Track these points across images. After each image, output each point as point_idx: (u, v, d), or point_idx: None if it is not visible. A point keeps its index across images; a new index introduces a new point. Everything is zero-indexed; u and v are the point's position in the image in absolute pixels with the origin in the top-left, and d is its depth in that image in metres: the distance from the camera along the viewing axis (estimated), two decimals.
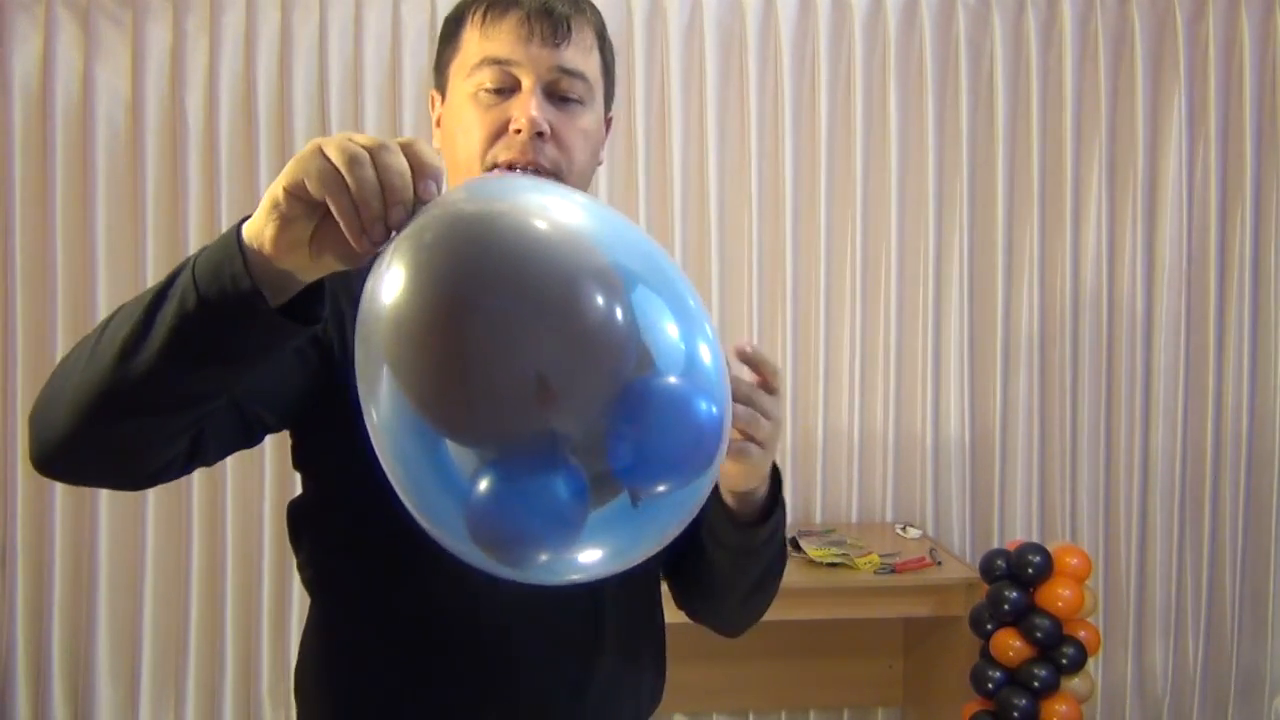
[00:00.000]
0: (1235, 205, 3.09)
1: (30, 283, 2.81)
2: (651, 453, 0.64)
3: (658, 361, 0.64)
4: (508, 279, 0.61)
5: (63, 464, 0.82)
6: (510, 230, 0.62)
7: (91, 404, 0.76)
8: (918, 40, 3.00)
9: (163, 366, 0.74)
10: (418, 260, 0.62)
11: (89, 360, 0.76)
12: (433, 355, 0.62)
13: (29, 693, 2.87)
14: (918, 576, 2.59)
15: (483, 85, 1.00)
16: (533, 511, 0.63)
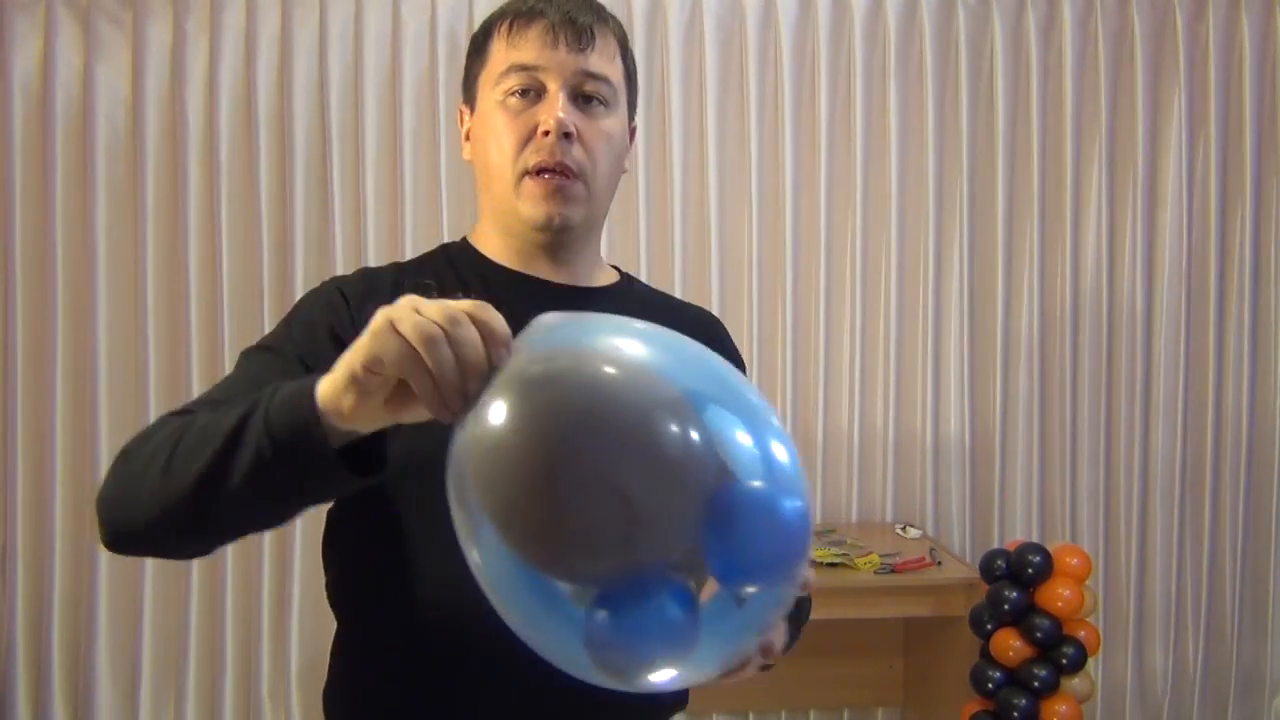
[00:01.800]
0: (1235, 205, 3.09)
1: (30, 283, 2.81)
2: (746, 557, 0.68)
3: (737, 470, 0.68)
4: (587, 427, 0.65)
5: (138, 550, 0.91)
6: (582, 382, 0.67)
7: (168, 517, 0.83)
8: (918, 40, 3.00)
9: (238, 502, 0.80)
10: (501, 424, 0.66)
11: (164, 478, 0.83)
12: (527, 507, 0.66)
13: (29, 693, 2.87)
14: (918, 576, 2.59)
15: (510, 90, 1.05)
16: (649, 635, 0.67)
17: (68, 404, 2.82)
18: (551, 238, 1.07)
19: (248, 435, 0.78)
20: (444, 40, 2.86)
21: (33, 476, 2.83)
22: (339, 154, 2.85)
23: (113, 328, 2.83)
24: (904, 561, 2.61)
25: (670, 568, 0.68)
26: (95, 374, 2.81)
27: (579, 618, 0.68)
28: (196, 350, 2.83)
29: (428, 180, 2.88)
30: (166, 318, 2.85)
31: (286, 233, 2.85)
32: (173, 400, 2.84)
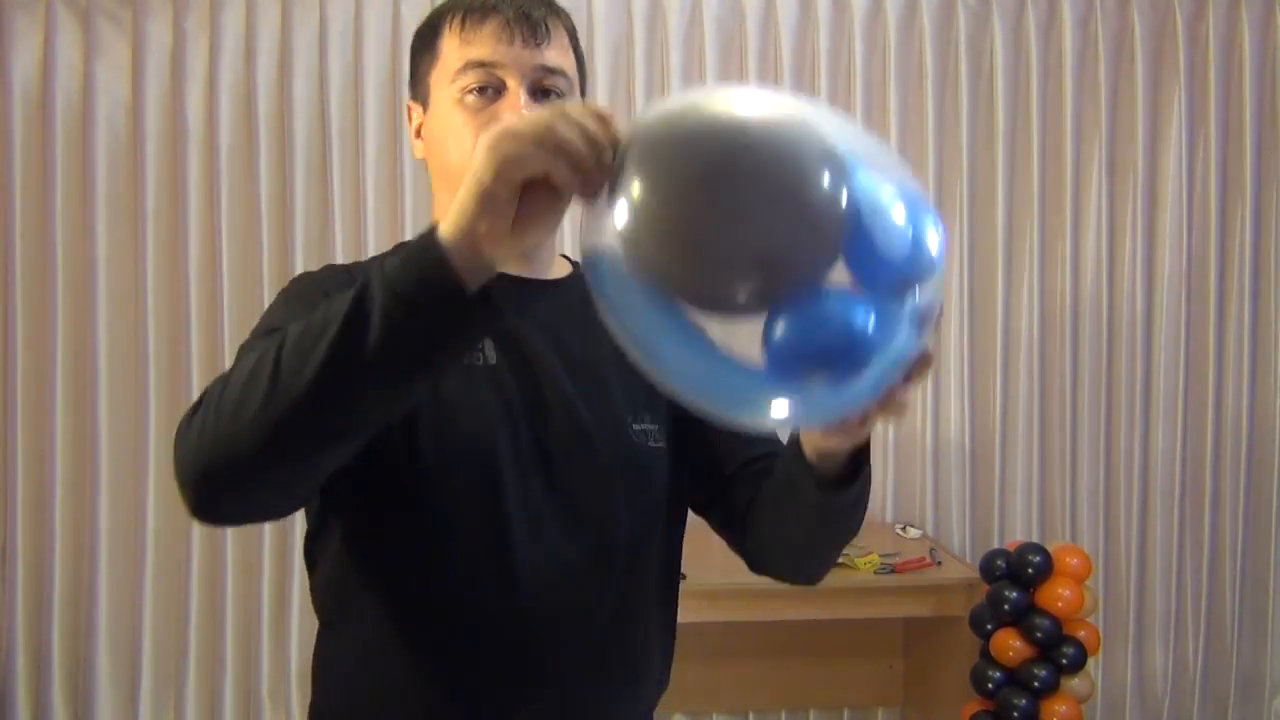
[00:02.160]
0: (1235, 205, 3.09)
1: (30, 283, 2.81)
2: (885, 256, 0.74)
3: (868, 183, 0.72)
4: (727, 157, 0.69)
5: (235, 501, 0.84)
6: (709, 123, 0.71)
7: (283, 434, 0.78)
8: (918, 40, 3.00)
9: (366, 387, 0.77)
10: (653, 176, 0.70)
11: (272, 390, 0.77)
12: (697, 244, 0.70)
13: (29, 693, 2.87)
14: (918, 576, 2.59)
15: (467, 88, 1.03)
16: (831, 332, 0.71)
17: (68, 404, 2.82)
18: None
19: (368, 307, 0.75)
20: None
21: (33, 476, 2.83)
22: (339, 154, 2.85)
23: (113, 328, 2.83)
24: (904, 561, 2.60)
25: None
26: (95, 374, 2.81)
27: (747, 369, 0.72)
28: (196, 350, 2.83)
29: (427, 179, 2.87)
30: (166, 318, 2.84)
31: (286, 233, 2.85)
32: (173, 400, 2.84)
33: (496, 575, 1.02)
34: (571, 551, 1.05)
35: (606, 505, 1.07)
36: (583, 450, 1.06)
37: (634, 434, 1.09)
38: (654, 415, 1.11)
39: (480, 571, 1.02)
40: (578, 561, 1.05)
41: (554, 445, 1.05)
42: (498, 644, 1.02)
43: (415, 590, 1.03)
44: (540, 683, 1.04)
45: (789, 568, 1.16)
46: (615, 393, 1.09)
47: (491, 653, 1.02)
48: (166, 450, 2.84)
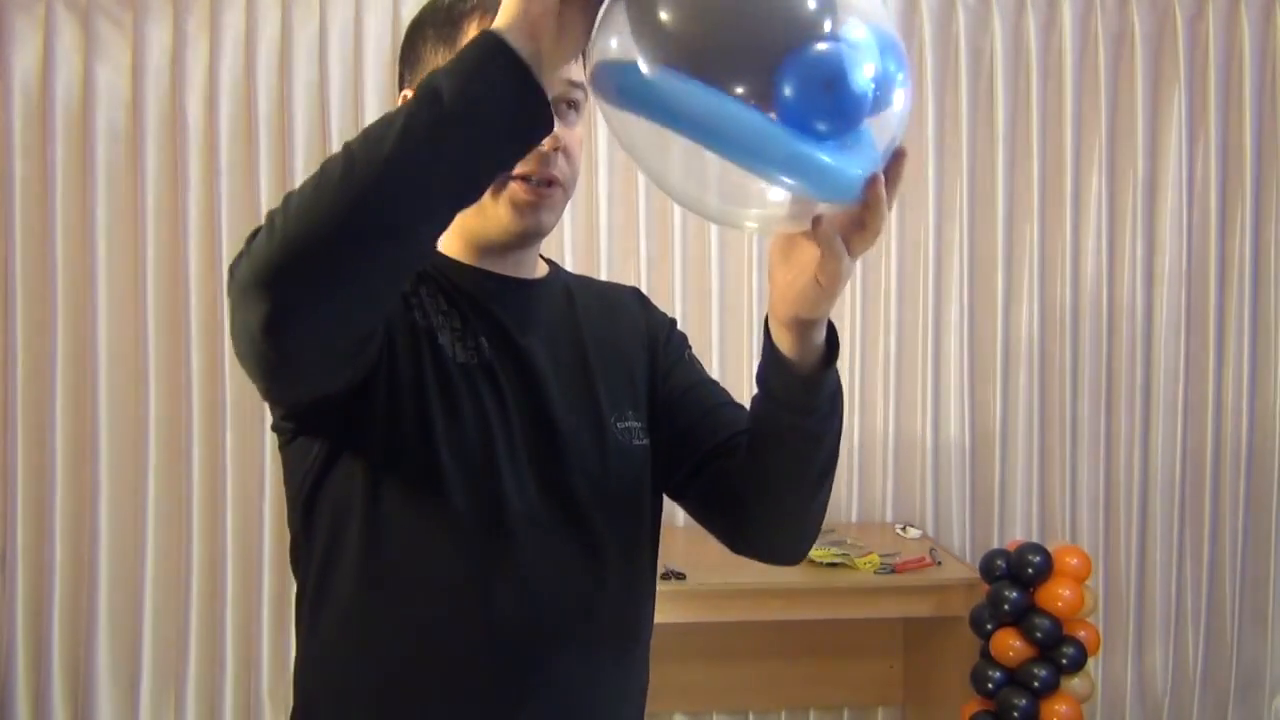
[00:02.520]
0: (1235, 205, 3.09)
1: (30, 283, 2.81)
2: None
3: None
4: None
5: (308, 304, 0.81)
6: None
7: (356, 218, 0.79)
8: (917, 40, 3.00)
9: (447, 143, 0.79)
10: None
11: (345, 179, 0.80)
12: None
13: (29, 693, 2.87)
14: (918, 576, 2.59)
15: None
16: (842, 58, 0.78)
17: (68, 404, 2.82)
18: (520, 244, 1.08)
19: (437, 85, 0.79)
20: None
21: (33, 476, 2.83)
22: None
23: (113, 328, 2.83)
24: (904, 561, 2.61)
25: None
26: (95, 374, 2.81)
27: (759, 116, 0.79)
28: (196, 350, 2.83)
29: None
30: (166, 318, 2.84)
31: None
32: (173, 400, 2.85)
33: (497, 574, 1.02)
34: (566, 551, 1.05)
35: (597, 503, 1.07)
36: (573, 449, 1.06)
37: (619, 432, 1.10)
38: (636, 412, 1.12)
39: (481, 571, 1.02)
40: (573, 560, 1.06)
41: (546, 444, 1.05)
42: (497, 645, 1.02)
43: (413, 591, 1.03)
44: (539, 682, 1.03)
45: (772, 537, 1.14)
46: (599, 391, 1.10)
47: (490, 653, 1.02)
48: (167, 452, 2.86)
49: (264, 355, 0.84)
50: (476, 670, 1.02)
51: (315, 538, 1.05)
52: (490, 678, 1.02)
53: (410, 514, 1.02)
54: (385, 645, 1.03)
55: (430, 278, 1.07)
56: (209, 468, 2.86)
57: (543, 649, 1.03)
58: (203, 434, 2.85)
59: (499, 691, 1.03)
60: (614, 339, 1.15)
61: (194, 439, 2.84)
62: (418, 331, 1.03)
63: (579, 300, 1.17)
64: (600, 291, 1.22)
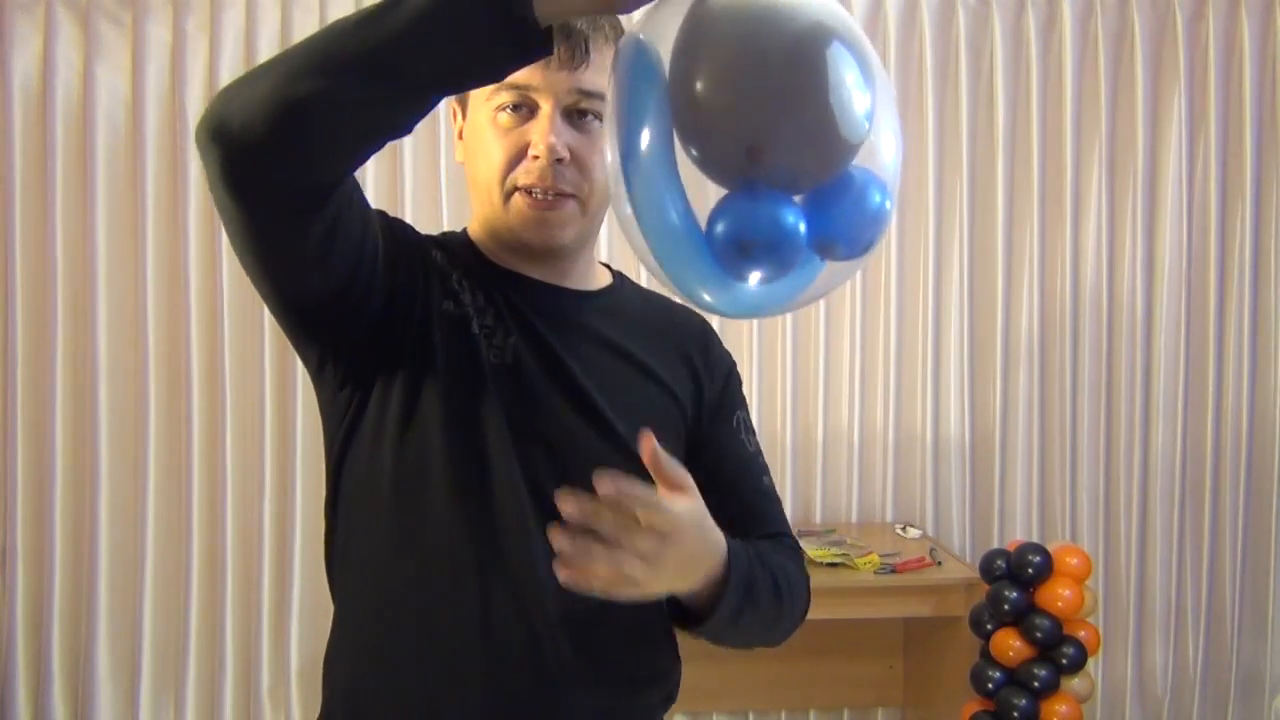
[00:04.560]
0: (1235, 205, 3.09)
1: (30, 283, 2.81)
2: (836, 224, 0.79)
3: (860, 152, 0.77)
4: (793, 51, 0.75)
5: (245, 130, 0.80)
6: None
7: (314, 63, 0.79)
8: (917, 40, 3.00)
9: (404, 34, 0.77)
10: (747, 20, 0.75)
11: (313, 40, 0.80)
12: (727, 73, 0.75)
13: (29, 693, 2.87)
14: (918, 576, 2.59)
15: (501, 106, 1.03)
16: (765, 228, 0.76)
17: (68, 404, 2.82)
18: (544, 254, 1.08)
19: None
20: None
21: (33, 476, 2.83)
22: None
23: (113, 328, 2.83)
24: (904, 561, 2.61)
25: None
26: (95, 374, 2.81)
27: (698, 229, 0.78)
28: (196, 350, 2.83)
29: (428, 180, 2.88)
30: (166, 317, 2.84)
31: None
32: (173, 400, 2.85)
33: (509, 584, 1.02)
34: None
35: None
36: (587, 458, 1.04)
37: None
38: (662, 439, 1.11)
39: (492, 581, 1.02)
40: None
41: (557, 449, 1.05)
42: (502, 656, 1.02)
43: (424, 594, 1.03)
44: (546, 690, 1.03)
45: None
46: (623, 412, 1.08)
47: (493, 666, 1.02)
48: (167, 452, 2.86)
49: (228, 207, 0.86)
50: (485, 673, 1.02)
51: (341, 498, 1.08)
52: (496, 682, 1.02)
53: (418, 499, 1.03)
54: (390, 619, 1.04)
55: (471, 273, 1.08)
56: (209, 468, 2.86)
57: (552, 652, 1.03)
58: (203, 434, 2.85)
59: (504, 698, 1.03)
60: (658, 365, 1.13)
61: (194, 439, 2.84)
62: (451, 315, 1.04)
63: (631, 320, 1.15)
64: (667, 309, 1.20)
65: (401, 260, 1.03)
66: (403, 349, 1.02)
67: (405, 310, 1.02)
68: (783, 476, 3.02)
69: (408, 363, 1.02)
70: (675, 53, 0.77)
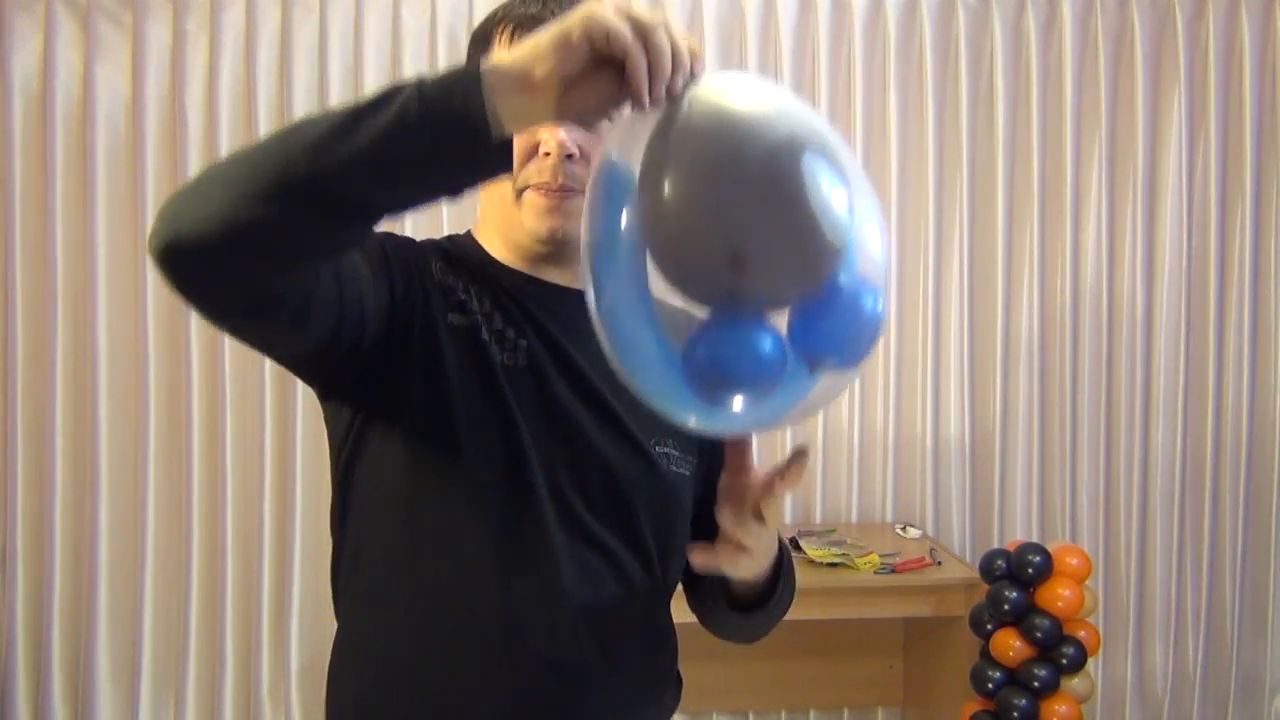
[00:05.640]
0: (1235, 205, 3.09)
1: (30, 283, 2.81)
2: (829, 338, 0.78)
3: (846, 260, 0.76)
4: (771, 173, 0.73)
5: (195, 251, 0.79)
6: (781, 129, 0.74)
7: (264, 187, 0.77)
8: (917, 40, 3.00)
9: (357, 164, 0.76)
10: (703, 127, 0.74)
11: (265, 155, 0.78)
12: (703, 220, 0.73)
13: (29, 693, 2.87)
14: (918, 576, 2.59)
15: None
16: (743, 358, 0.75)
17: (68, 404, 2.82)
18: (554, 248, 1.07)
19: (395, 98, 0.76)
20: (444, 40, 2.86)
21: (33, 476, 2.83)
22: None
23: (113, 327, 2.83)
24: (904, 561, 2.61)
25: (766, 318, 0.76)
26: (95, 374, 2.81)
27: (676, 356, 0.77)
28: (196, 349, 2.84)
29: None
30: (166, 317, 2.84)
31: None
32: (173, 400, 2.84)
33: (532, 587, 1.02)
34: (603, 565, 1.06)
35: (630, 517, 1.07)
36: (607, 463, 1.06)
37: (657, 455, 1.10)
38: (675, 440, 1.12)
39: (514, 583, 1.02)
40: (609, 574, 1.06)
41: (579, 451, 1.05)
42: (525, 658, 1.02)
43: (446, 600, 1.03)
44: (565, 699, 1.03)
45: (718, 634, 1.24)
46: (637, 412, 1.08)
47: (517, 669, 1.02)
48: (167, 452, 2.86)
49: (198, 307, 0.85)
50: (502, 682, 1.02)
51: (350, 510, 1.07)
52: (513, 691, 1.02)
53: (436, 505, 1.03)
54: (409, 626, 1.04)
55: (479, 278, 1.08)
56: (209, 468, 2.86)
57: (569, 660, 1.03)
58: (203, 434, 2.85)
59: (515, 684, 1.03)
60: None
61: (194, 439, 2.84)
62: (457, 327, 1.04)
63: None
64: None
65: (398, 288, 1.02)
66: (407, 370, 1.02)
67: (404, 336, 1.02)
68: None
69: (416, 381, 1.02)
70: (647, 167, 0.76)
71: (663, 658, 1.16)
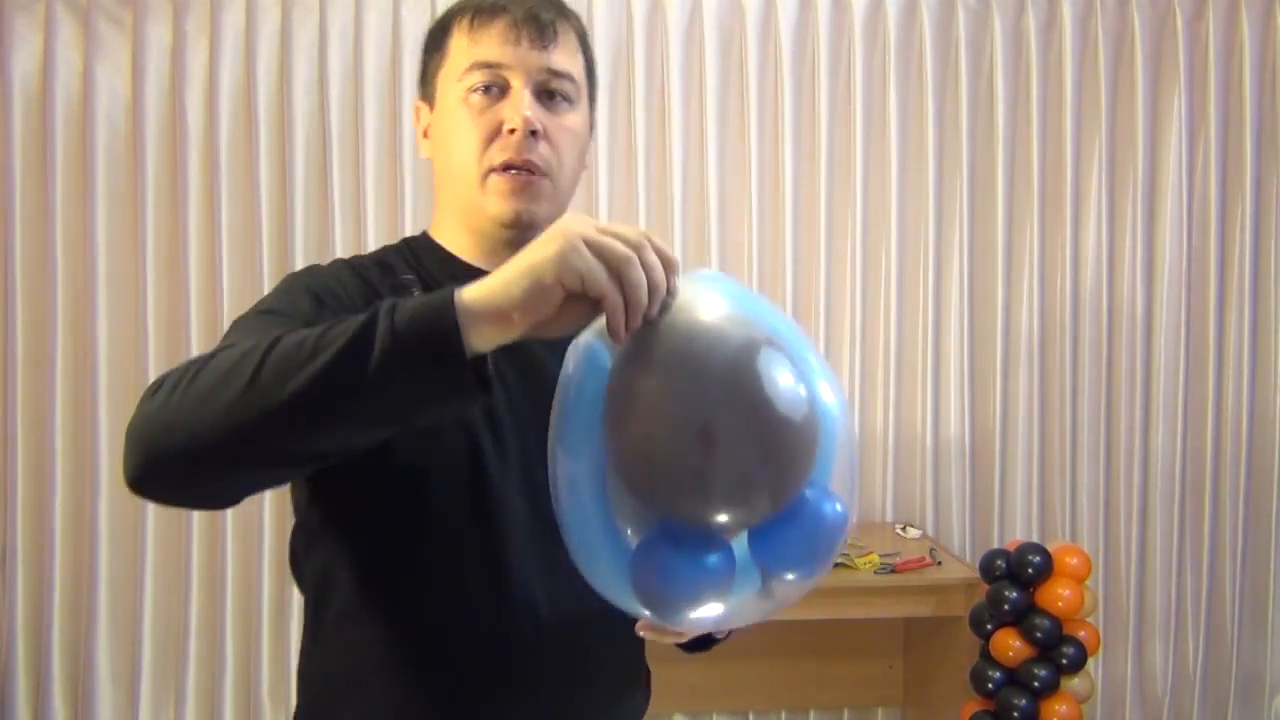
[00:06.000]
0: (1235, 205, 3.09)
1: (30, 283, 2.81)
2: (790, 553, 0.78)
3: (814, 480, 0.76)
4: (749, 400, 0.73)
5: (168, 482, 0.81)
6: (751, 355, 0.74)
7: (239, 436, 0.77)
8: (918, 40, 3.00)
9: (344, 415, 0.76)
10: (680, 350, 0.74)
11: (248, 391, 0.76)
12: (659, 457, 0.73)
13: (29, 693, 2.87)
14: (918, 576, 2.59)
15: (473, 88, 1.04)
16: (689, 575, 0.74)
17: (68, 404, 2.82)
18: (518, 234, 1.05)
19: (367, 348, 0.75)
20: None
21: (33, 476, 2.83)
22: (339, 154, 2.84)
23: (113, 328, 2.83)
24: (904, 561, 2.61)
25: (721, 531, 0.75)
26: (95, 374, 2.81)
27: (628, 549, 0.77)
28: (196, 350, 2.83)
29: (427, 180, 2.87)
30: (166, 318, 2.84)
31: (286, 233, 2.84)
32: None
33: (489, 586, 1.01)
34: (564, 560, 1.05)
35: None
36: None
37: None
38: None
39: (472, 583, 1.01)
40: (569, 571, 1.05)
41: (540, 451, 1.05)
42: (489, 654, 1.02)
43: (401, 591, 1.02)
44: (530, 694, 1.03)
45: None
46: None
47: (481, 664, 1.02)
48: None
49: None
50: (466, 677, 1.02)
51: (315, 546, 1.06)
52: (477, 686, 1.02)
53: (404, 532, 1.01)
54: (383, 649, 1.02)
55: (437, 278, 1.07)
56: None
57: (532, 655, 1.03)
58: None
59: (485, 702, 1.02)
60: None
61: None
62: None
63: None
64: None
65: None
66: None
67: None
68: None
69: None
70: (618, 371, 0.76)
71: (636, 661, 1.15)
